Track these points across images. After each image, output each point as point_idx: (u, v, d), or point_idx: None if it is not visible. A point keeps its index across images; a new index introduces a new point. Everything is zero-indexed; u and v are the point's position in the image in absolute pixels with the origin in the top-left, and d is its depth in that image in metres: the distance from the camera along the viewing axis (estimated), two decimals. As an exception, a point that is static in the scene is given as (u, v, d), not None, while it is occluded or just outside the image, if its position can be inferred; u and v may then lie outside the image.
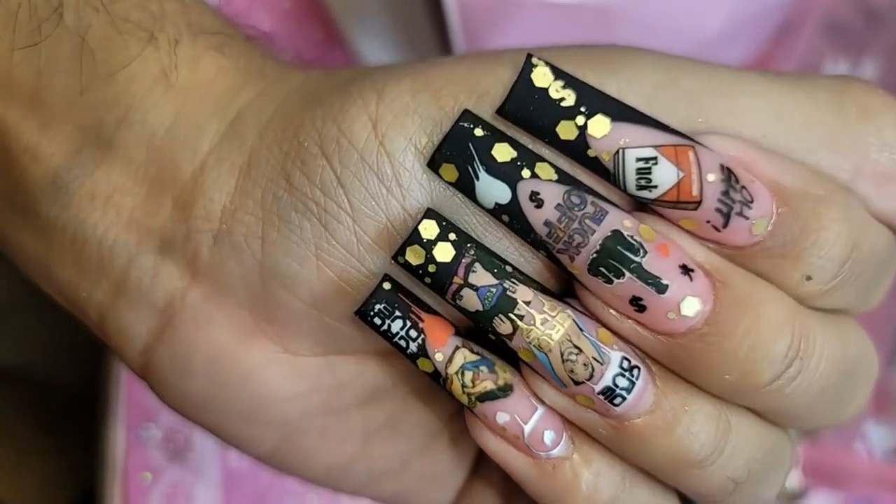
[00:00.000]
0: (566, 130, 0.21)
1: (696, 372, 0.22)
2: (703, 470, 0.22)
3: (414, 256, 0.21)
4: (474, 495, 0.27)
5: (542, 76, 0.21)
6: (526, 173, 0.21)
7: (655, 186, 0.21)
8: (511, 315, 0.21)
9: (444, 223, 0.21)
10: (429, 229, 0.21)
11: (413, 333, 0.22)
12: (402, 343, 0.22)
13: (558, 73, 0.21)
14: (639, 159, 0.21)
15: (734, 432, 0.22)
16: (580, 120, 0.21)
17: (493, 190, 0.21)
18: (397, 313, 0.22)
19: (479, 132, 0.21)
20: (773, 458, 0.23)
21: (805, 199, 0.21)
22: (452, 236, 0.21)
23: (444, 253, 0.21)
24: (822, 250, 0.21)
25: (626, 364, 0.21)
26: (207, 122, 0.23)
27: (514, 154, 0.21)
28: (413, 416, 0.26)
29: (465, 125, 0.21)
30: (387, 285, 0.22)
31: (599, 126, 0.21)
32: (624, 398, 0.21)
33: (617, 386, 0.21)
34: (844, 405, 0.23)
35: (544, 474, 0.23)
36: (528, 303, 0.21)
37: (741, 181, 0.21)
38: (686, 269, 0.21)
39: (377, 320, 0.22)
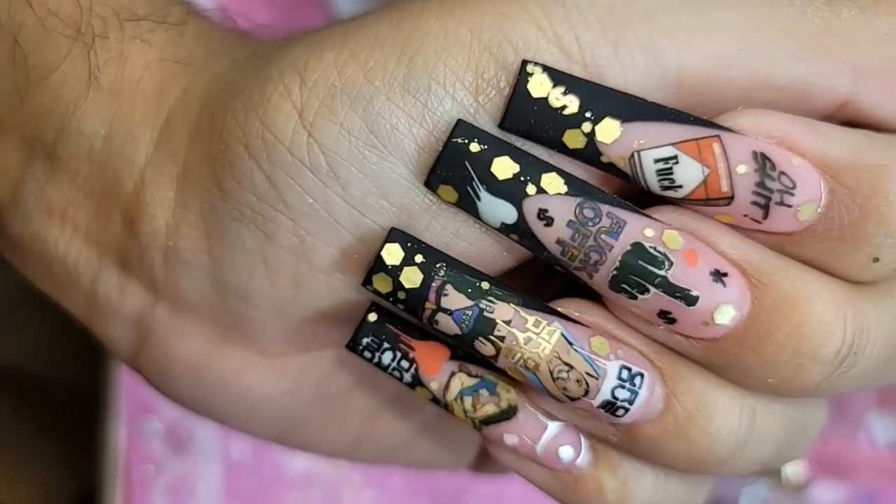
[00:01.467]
0: (573, 139, 0.19)
1: (735, 375, 0.20)
2: (727, 464, 0.21)
3: (382, 284, 0.20)
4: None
5: (539, 85, 0.19)
6: (531, 189, 0.19)
7: (680, 186, 0.19)
8: (491, 337, 0.20)
9: (408, 244, 0.20)
10: (393, 254, 0.20)
11: (405, 364, 0.21)
12: (396, 374, 0.21)
13: (557, 78, 0.19)
14: (657, 160, 0.19)
15: (759, 423, 0.21)
16: (587, 127, 0.19)
17: (497, 210, 0.19)
18: (386, 345, 0.21)
19: (475, 147, 0.19)
20: (803, 430, 0.22)
21: (861, 172, 0.19)
22: (419, 258, 0.20)
23: (411, 278, 0.20)
24: (890, 227, 0.19)
25: (625, 374, 0.20)
26: (140, 131, 0.22)
27: (516, 168, 0.19)
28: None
29: (460, 141, 0.19)
30: (372, 317, 0.21)
31: (608, 131, 0.19)
32: (627, 409, 0.20)
33: (617, 398, 0.20)
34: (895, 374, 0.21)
35: (566, 487, 0.22)
36: (508, 322, 0.20)
37: (778, 166, 0.19)
38: (718, 275, 0.19)
39: (367, 353, 0.21)
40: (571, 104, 0.19)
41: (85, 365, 0.41)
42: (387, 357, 0.21)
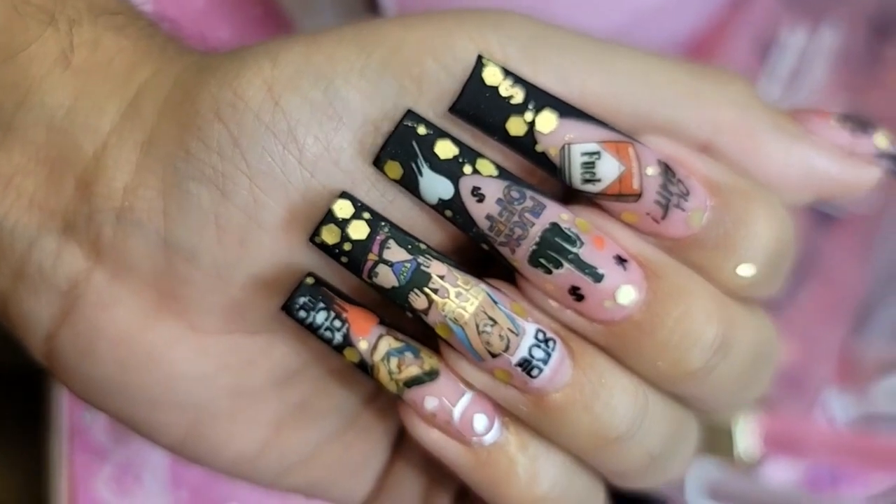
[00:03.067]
0: (515, 126, 0.22)
1: (630, 358, 0.23)
2: (623, 445, 0.23)
3: (329, 236, 0.22)
4: (395, 484, 0.27)
5: (492, 75, 0.22)
6: (468, 169, 0.22)
7: (599, 180, 0.22)
8: (426, 289, 0.22)
9: (358, 204, 0.22)
10: (344, 209, 0.22)
11: (337, 324, 0.22)
12: (328, 334, 0.22)
13: (507, 72, 0.22)
14: (584, 153, 0.22)
15: (651, 409, 0.23)
16: (528, 116, 0.22)
17: (436, 186, 0.22)
18: (321, 305, 0.22)
19: (422, 130, 0.22)
20: (684, 435, 0.25)
21: (735, 194, 0.23)
22: (367, 215, 0.22)
23: (358, 230, 0.22)
24: (752, 242, 0.23)
25: (540, 336, 0.22)
26: (107, 103, 0.23)
27: (455, 151, 0.22)
28: (328, 398, 0.26)
29: (409, 124, 0.22)
30: (309, 280, 0.22)
31: (547, 121, 0.22)
32: (541, 369, 0.22)
33: (533, 357, 0.22)
34: (753, 389, 0.25)
35: (479, 462, 0.23)
36: (441, 276, 0.22)
37: (677, 174, 0.22)
38: (620, 260, 0.22)
39: (302, 313, 0.22)
40: (517, 95, 0.22)
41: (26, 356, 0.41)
42: (321, 316, 0.22)
